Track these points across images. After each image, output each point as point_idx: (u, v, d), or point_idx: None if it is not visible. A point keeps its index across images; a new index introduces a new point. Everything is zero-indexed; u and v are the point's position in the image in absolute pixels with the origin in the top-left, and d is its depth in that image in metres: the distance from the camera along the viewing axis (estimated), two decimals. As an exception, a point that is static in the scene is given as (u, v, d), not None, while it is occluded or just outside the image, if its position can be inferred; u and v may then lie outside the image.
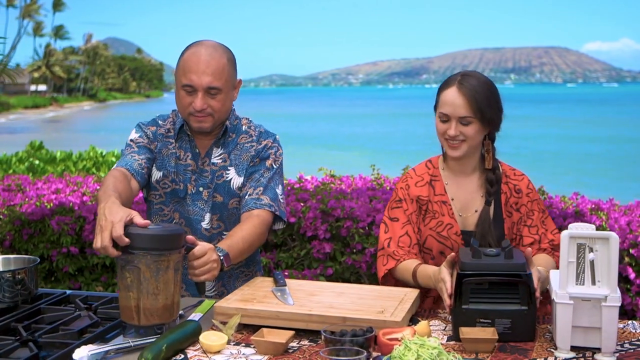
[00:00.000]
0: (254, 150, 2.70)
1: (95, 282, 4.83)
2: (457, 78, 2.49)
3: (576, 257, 2.01)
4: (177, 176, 2.67)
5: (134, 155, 2.63)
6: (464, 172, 2.61)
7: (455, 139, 2.49)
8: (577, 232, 2.01)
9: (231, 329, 2.12)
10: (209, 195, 2.67)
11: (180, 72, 2.57)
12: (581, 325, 1.99)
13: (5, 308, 2.37)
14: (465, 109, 2.46)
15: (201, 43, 2.60)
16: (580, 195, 4.70)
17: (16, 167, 8.88)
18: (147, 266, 2.09)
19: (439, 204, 2.59)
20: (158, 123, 2.74)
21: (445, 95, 2.50)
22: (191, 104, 2.55)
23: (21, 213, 4.84)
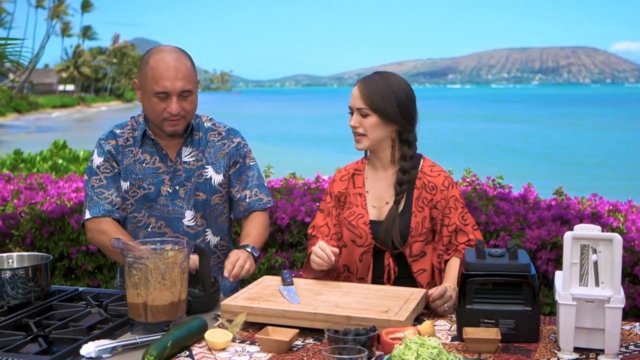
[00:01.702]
0: (229, 148, 2.80)
1: (113, 279, 4.88)
2: (364, 77, 2.69)
3: (580, 258, 2.01)
4: (145, 181, 2.70)
5: (104, 193, 2.69)
6: (382, 166, 2.71)
7: (356, 131, 2.63)
8: (581, 233, 2.01)
9: (236, 326, 2.14)
10: (186, 192, 2.72)
11: (150, 81, 2.60)
12: (584, 327, 1.99)
13: (18, 304, 2.42)
14: (360, 100, 2.61)
15: (163, 49, 2.66)
16: (598, 196, 4.67)
17: (40, 166, 9.00)
18: (154, 264, 2.13)
19: (355, 195, 2.72)
20: (116, 134, 2.76)
21: (352, 91, 2.67)
22: (165, 109, 2.61)
23: (42, 211, 4.91)
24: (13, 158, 9.73)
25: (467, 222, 2.64)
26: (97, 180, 2.71)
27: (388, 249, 2.61)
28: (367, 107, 2.59)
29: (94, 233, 2.69)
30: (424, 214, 2.62)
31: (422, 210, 2.62)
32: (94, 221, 2.68)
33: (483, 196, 4.59)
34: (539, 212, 4.31)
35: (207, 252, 2.45)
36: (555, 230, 4.00)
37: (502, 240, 4.08)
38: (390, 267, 2.61)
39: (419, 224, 2.61)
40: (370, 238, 2.63)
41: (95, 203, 2.68)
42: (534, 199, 4.67)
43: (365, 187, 2.72)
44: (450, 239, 2.62)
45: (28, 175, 6.46)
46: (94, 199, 2.69)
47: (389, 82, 2.63)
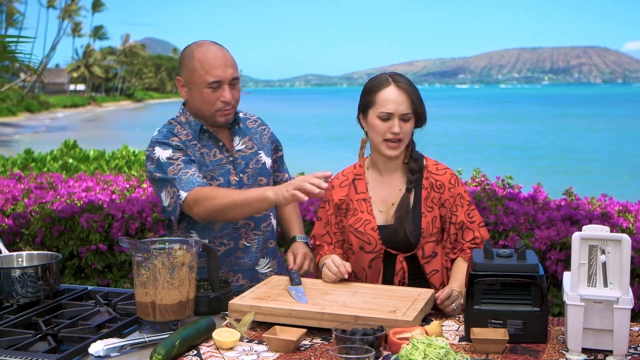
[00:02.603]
0: (269, 133, 2.92)
1: (123, 278, 4.91)
2: (387, 78, 2.58)
3: (588, 259, 2.00)
4: (215, 172, 2.72)
5: (188, 172, 2.59)
6: (388, 170, 2.67)
7: (397, 137, 2.54)
8: (589, 234, 2.00)
9: (244, 326, 2.15)
10: (249, 179, 2.76)
11: (200, 73, 2.62)
12: (593, 327, 1.98)
13: (28, 303, 2.43)
14: (406, 105, 2.53)
15: (204, 43, 2.70)
16: (608, 197, 4.65)
17: (50, 166, 9.03)
18: (162, 264, 2.13)
19: (359, 201, 2.66)
20: (174, 133, 2.71)
21: (384, 95, 2.55)
22: (218, 99, 2.64)
23: (52, 210, 4.94)
24: (24, 157, 9.78)
25: (474, 219, 2.63)
26: (175, 167, 2.60)
27: (399, 252, 2.59)
28: (411, 112, 2.54)
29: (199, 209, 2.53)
30: (433, 214, 2.61)
31: (432, 210, 2.61)
32: (193, 197, 2.53)
33: (492, 196, 4.58)
34: (549, 212, 4.30)
35: (215, 252, 2.45)
36: (564, 231, 3.99)
37: (511, 240, 4.08)
38: (403, 270, 2.58)
39: (430, 224, 2.59)
40: (380, 243, 2.59)
41: (187, 181, 2.56)
42: (543, 199, 4.66)
43: (369, 192, 2.67)
44: (456, 237, 2.61)
45: (38, 174, 6.50)
46: (183, 180, 2.56)
47: (413, 83, 2.59)
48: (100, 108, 79.54)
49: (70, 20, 76.38)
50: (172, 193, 2.59)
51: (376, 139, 2.58)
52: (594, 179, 19.01)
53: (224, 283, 2.51)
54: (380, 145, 2.58)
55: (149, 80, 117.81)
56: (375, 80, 2.61)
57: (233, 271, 2.74)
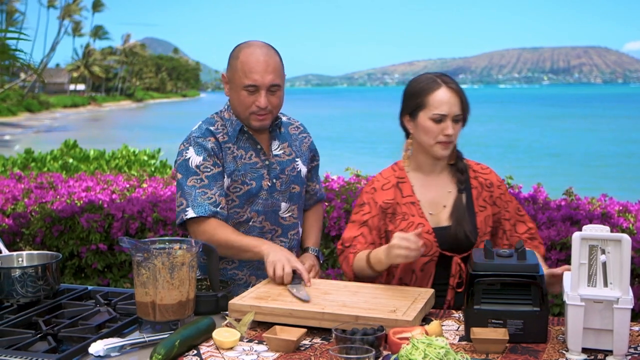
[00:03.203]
0: (309, 142, 2.92)
1: (123, 278, 4.91)
2: (436, 80, 2.54)
3: (588, 259, 2.00)
4: (246, 176, 2.70)
5: (207, 193, 2.62)
6: (434, 171, 2.65)
7: (450, 139, 2.53)
8: (589, 233, 2.00)
9: (244, 325, 2.15)
10: (282, 185, 2.76)
11: (240, 74, 2.62)
12: (593, 327, 1.98)
13: (28, 302, 2.43)
14: (458, 107, 2.53)
15: (253, 44, 2.67)
16: (608, 197, 4.65)
17: (50, 165, 9.04)
18: (162, 263, 2.13)
19: (407, 205, 2.60)
20: (213, 132, 2.70)
21: (437, 96, 2.52)
22: (254, 102, 2.63)
23: (52, 210, 4.94)
24: (24, 157, 9.78)
25: (522, 212, 2.68)
26: (198, 180, 2.63)
27: (455, 254, 2.54)
28: (461, 114, 2.54)
29: (197, 233, 2.62)
30: (486, 213, 2.61)
31: (485, 209, 2.61)
32: (198, 221, 2.61)
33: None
34: (549, 212, 4.30)
35: (216, 251, 2.45)
36: (564, 231, 3.99)
37: (511, 240, 4.07)
38: (462, 271, 2.53)
39: (483, 222, 2.59)
40: (436, 246, 2.54)
41: (200, 203, 2.60)
42: (543, 199, 4.66)
43: (417, 196, 2.61)
44: (511, 232, 2.64)
45: (38, 174, 6.50)
46: (197, 199, 2.61)
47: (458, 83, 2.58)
48: (100, 108, 79.57)
49: (71, 20, 76.38)
50: (182, 203, 2.64)
51: (428, 141, 2.55)
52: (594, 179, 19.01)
53: (223, 283, 2.52)
54: (433, 147, 2.55)
55: (149, 80, 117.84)
56: (422, 82, 2.56)
57: (255, 275, 2.74)
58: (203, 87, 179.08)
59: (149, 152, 10.33)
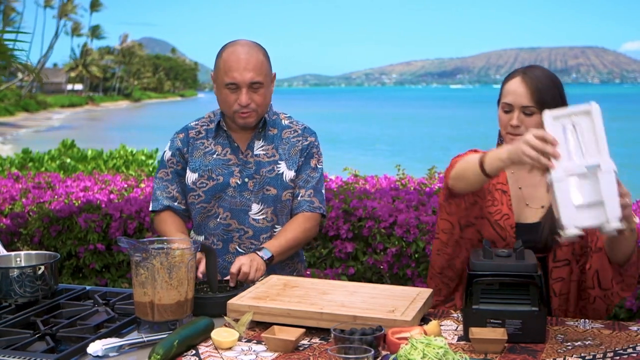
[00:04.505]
0: (302, 145, 2.83)
1: (121, 278, 4.90)
2: (522, 70, 2.45)
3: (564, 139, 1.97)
4: (214, 172, 2.76)
5: (168, 187, 2.83)
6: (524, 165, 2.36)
7: (516, 131, 2.39)
8: (558, 111, 1.99)
9: (243, 326, 2.15)
10: (254, 185, 2.76)
11: (221, 72, 2.68)
12: (582, 204, 1.94)
13: (26, 302, 2.43)
14: (527, 98, 2.37)
15: (237, 42, 2.73)
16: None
17: (48, 165, 9.03)
18: (161, 263, 2.13)
19: (499, 192, 2.49)
20: (188, 127, 2.86)
21: (509, 86, 2.44)
22: (235, 101, 2.67)
23: (50, 210, 4.93)
24: (21, 157, 9.77)
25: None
26: (165, 174, 2.84)
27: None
28: (534, 106, 2.36)
29: (154, 224, 2.91)
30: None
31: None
32: (155, 214, 2.87)
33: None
34: (547, 212, 4.30)
35: (214, 251, 2.46)
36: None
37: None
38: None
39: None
40: (512, 243, 2.41)
41: (157, 197, 2.83)
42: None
43: (511, 185, 2.51)
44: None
45: (36, 174, 6.50)
46: (156, 193, 2.84)
47: (552, 76, 2.42)
48: (98, 108, 79.54)
49: (68, 19, 76.33)
50: (152, 196, 2.88)
51: (502, 131, 2.48)
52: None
53: (224, 282, 2.52)
54: (505, 138, 2.45)
55: (147, 80, 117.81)
56: (512, 71, 2.50)
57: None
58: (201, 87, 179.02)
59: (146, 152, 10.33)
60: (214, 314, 2.24)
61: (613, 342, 2.07)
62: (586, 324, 2.25)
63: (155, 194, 2.84)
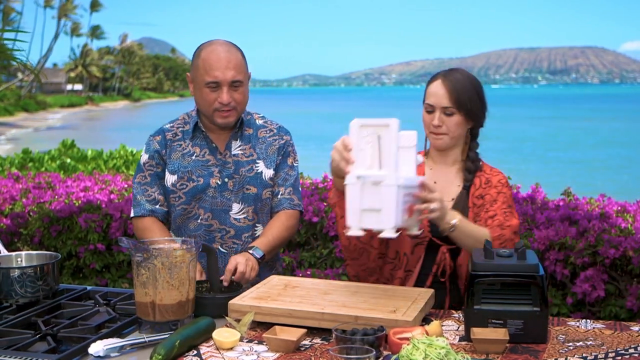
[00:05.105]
0: (279, 143, 2.85)
1: (121, 278, 4.90)
2: (443, 72, 2.62)
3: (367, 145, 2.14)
4: (194, 173, 2.75)
5: (148, 190, 2.79)
6: (444, 162, 2.69)
7: (438, 130, 2.58)
8: (364, 120, 2.15)
9: (244, 326, 2.15)
10: (234, 185, 2.75)
11: (201, 72, 2.67)
12: (368, 208, 2.12)
13: (27, 303, 2.43)
14: (447, 99, 2.55)
15: (214, 42, 2.73)
16: (607, 197, 4.65)
17: (48, 165, 9.02)
18: (162, 264, 2.13)
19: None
20: (164, 129, 2.83)
21: (431, 88, 2.61)
22: (216, 99, 2.67)
23: (50, 210, 4.93)
24: (21, 157, 9.76)
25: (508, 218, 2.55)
26: (143, 177, 2.80)
27: (445, 244, 2.57)
28: (453, 107, 2.55)
29: (137, 231, 2.83)
30: (475, 210, 2.61)
31: (474, 206, 2.61)
32: (137, 220, 2.81)
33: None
34: (547, 212, 4.30)
35: (215, 251, 2.46)
36: (563, 231, 3.99)
37: (510, 240, 4.07)
38: (446, 262, 2.57)
39: (472, 219, 2.58)
40: (427, 231, 2.58)
41: (138, 202, 2.80)
42: (541, 199, 4.66)
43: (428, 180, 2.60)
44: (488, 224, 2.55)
45: (36, 174, 6.49)
46: (137, 198, 2.80)
47: (471, 79, 2.60)
48: (97, 108, 79.51)
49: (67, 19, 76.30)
50: (133, 201, 2.84)
51: (425, 130, 2.65)
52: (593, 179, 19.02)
53: (236, 284, 2.52)
54: (428, 137, 2.66)
55: (146, 80, 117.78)
56: (435, 74, 2.66)
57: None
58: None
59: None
60: (214, 315, 2.24)
61: (614, 343, 2.08)
62: (588, 324, 2.25)
63: (136, 198, 2.80)
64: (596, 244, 3.89)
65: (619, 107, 79.73)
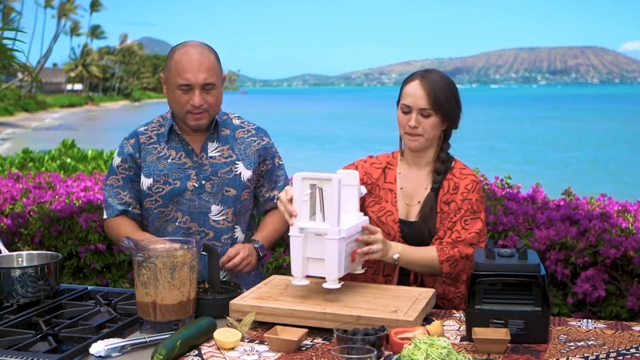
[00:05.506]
0: (259, 145, 2.84)
1: (122, 278, 4.90)
2: (420, 73, 2.62)
3: (310, 197, 2.23)
4: (171, 176, 2.73)
5: (120, 193, 2.78)
6: (417, 164, 2.70)
7: (414, 131, 2.57)
8: (307, 173, 2.24)
9: (245, 326, 2.15)
10: (212, 187, 2.74)
11: (173, 74, 2.65)
12: (312, 257, 2.26)
13: (28, 303, 2.43)
14: (424, 100, 2.55)
15: (188, 44, 2.71)
16: (607, 197, 4.65)
17: (48, 165, 9.02)
18: (163, 264, 2.13)
19: (386, 190, 2.69)
20: (138, 132, 2.81)
21: (408, 88, 2.60)
22: (188, 102, 2.65)
23: (50, 210, 4.93)
24: (22, 157, 9.76)
25: (468, 227, 2.56)
26: (115, 180, 2.79)
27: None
28: (430, 108, 2.55)
29: (108, 230, 2.85)
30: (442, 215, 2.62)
31: (441, 211, 2.62)
32: (110, 221, 2.81)
33: (491, 196, 4.58)
34: (548, 212, 4.30)
35: (216, 251, 2.46)
36: (564, 231, 3.99)
37: (510, 240, 4.07)
38: None
39: (440, 223, 2.61)
40: (398, 236, 2.62)
41: (109, 204, 2.79)
42: (542, 199, 4.66)
43: (397, 184, 2.69)
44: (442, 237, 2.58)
45: (37, 174, 6.48)
46: (108, 201, 2.79)
47: (447, 80, 2.60)
48: (97, 108, 79.46)
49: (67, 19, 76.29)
50: (104, 203, 2.83)
51: (400, 130, 2.65)
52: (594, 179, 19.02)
53: (225, 283, 2.52)
54: (403, 137, 2.65)
55: (146, 80, 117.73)
56: (410, 74, 2.66)
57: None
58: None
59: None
60: (213, 316, 2.23)
61: (616, 342, 2.07)
62: (589, 324, 2.25)
63: (107, 201, 2.79)
64: (597, 243, 3.89)
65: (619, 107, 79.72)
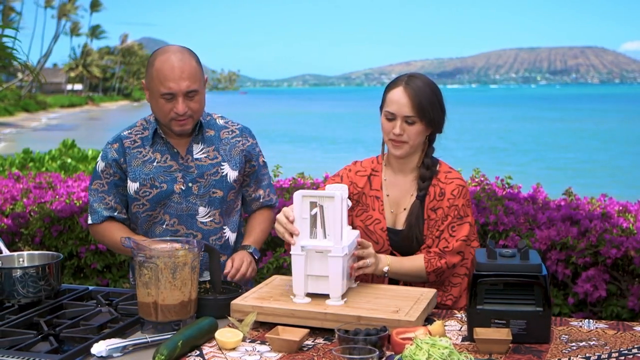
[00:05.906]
0: (244, 146, 2.84)
1: (122, 278, 4.90)
2: (404, 79, 2.58)
3: (310, 214, 2.24)
4: (157, 180, 2.72)
5: (105, 198, 2.76)
6: (403, 171, 2.68)
7: (399, 138, 2.55)
8: (308, 191, 2.26)
9: (247, 326, 2.14)
10: (199, 189, 2.73)
11: (155, 82, 2.62)
12: (313, 274, 2.25)
13: (29, 303, 2.42)
14: (409, 108, 2.52)
15: (168, 50, 2.66)
16: (608, 197, 4.65)
17: (49, 165, 9.02)
18: (164, 264, 2.13)
19: (372, 198, 2.68)
20: (122, 137, 2.77)
21: (392, 95, 2.57)
22: (172, 109, 2.63)
23: (51, 210, 4.93)
24: (22, 157, 9.77)
25: (456, 234, 2.57)
26: (100, 184, 2.77)
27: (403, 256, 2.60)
28: (415, 116, 2.52)
29: (97, 236, 2.84)
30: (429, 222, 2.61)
31: (428, 218, 2.61)
32: (95, 226, 2.80)
33: (492, 196, 4.58)
34: (549, 212, 4.30)
35: (217, 251, 2.46)
36: (564, 231, 3.99)
37: (511, 240, 4.08)
38: None
39: (428, 230, 2.60)
40: (387, 244, 2.61)
41: (95, 210, 2.77)
42: (543, 199, 4.66)
43: (383, 191, 2.67)
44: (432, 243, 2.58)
45: (37, 174, 6.49)
46: (93, 206, 2.78)
47: (432, 86, 2.56)
48: (98, 108, 79.43)
49: (68, 19, 76.29)
50: (89, 208, 2.81)
51: (384, 137, 2.62)
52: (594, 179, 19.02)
53: (236, 285, 2.52)
54: (387, 144, 2.62)
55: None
56: (393, 80, 2.62)
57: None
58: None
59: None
60: (214, 316, 2.23)
61: (618, 343, 2.07)
62: (590, 324, 2.25)
63: (92, 206, 2.77)
64: (597, 244, 3.89)
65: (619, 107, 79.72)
